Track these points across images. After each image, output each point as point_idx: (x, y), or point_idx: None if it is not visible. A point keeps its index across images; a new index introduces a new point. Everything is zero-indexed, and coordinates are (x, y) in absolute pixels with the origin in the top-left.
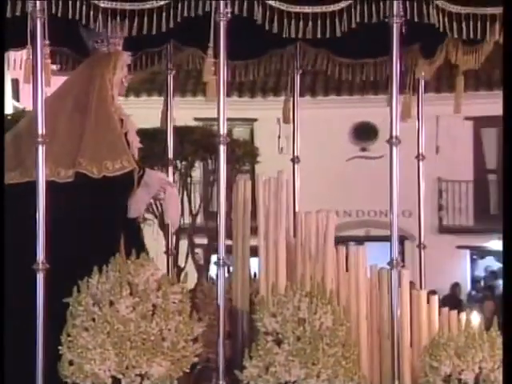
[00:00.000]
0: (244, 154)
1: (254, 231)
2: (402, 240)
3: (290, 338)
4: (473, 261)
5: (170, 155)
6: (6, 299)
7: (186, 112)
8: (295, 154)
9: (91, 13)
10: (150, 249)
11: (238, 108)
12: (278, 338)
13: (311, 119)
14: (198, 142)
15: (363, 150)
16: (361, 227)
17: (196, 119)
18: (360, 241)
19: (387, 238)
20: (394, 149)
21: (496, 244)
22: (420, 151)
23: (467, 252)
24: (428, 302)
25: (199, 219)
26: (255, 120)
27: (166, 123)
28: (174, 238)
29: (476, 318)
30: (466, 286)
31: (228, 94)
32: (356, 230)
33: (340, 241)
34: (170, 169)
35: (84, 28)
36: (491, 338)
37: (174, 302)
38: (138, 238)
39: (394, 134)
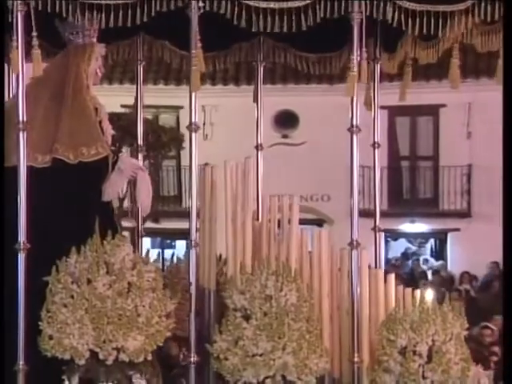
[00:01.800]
0: (170, 141)
1: (177, 214)
2: (320, 223)
3: (258, 313)
4: (387, 242)
5: (140, 142)
6: None
7: (114, 99)
8: (258, 141)
9: (70, 6)
10: None
11: (165, 95)
12: (246, 313)
13: (235, 107)
14: (124, 128)
15: (284, 136)
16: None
17: (122, 106)
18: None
19: (306, 222)
20: (355, 137)
21: (408, 227)
22: (375, 139)
23: (382, 234)
24: (385, 280)
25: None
26: (181, 107)
27: (136, 111)
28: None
29: (429, 295)
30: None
31: (155, 83)
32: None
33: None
34: (140, 155)
35: (59, 21)
36: (443, 313)
37: (148, 280)
38: (112, 220)
39: (354, 123)
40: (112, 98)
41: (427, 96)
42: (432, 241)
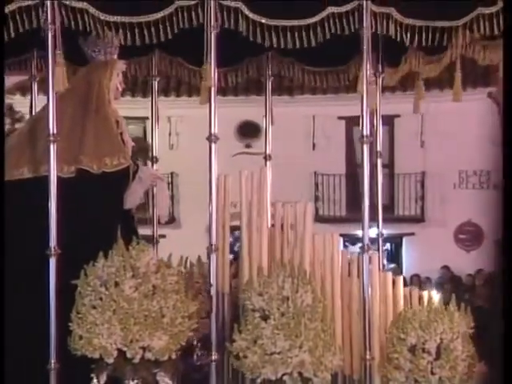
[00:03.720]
0: (138, 150)
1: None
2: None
3: (276, 314)
4: (345, 247)
5: (156, 153)
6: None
7: None
8: (267, 152)
9: (97, 25)
10: None
11: (132, 107)
12: (264, 314)
13: (200, 118)
14: None
15: (248, 146)
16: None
17: None
18: None
19: None
20: (365, 147)
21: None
22: (378, 149)
23: (340, 239)
24: (393, 282)
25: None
26: (147, 118)
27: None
28: None
29: (436, 296)
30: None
31: (122, 95)
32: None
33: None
34: (155, 166)
35: (82, 38)
36: (450, 313)
37: (170, 283)
38: (132, 227)
39: (364, 133)
40: None
41: (383, 107)
42: (388, 245)
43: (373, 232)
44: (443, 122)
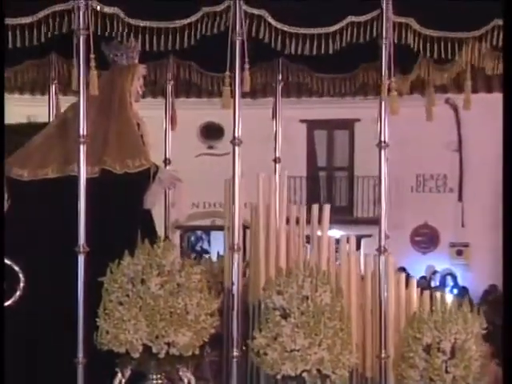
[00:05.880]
0: None
1: None
2: (244, 228)
3: (296, 312)
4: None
5: (168, 155)
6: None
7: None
8: (276, 154)
9: (125, 30)
10: None
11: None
12: (284, 312)
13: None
14: None
15: (210, 147)
16: (207, 217)
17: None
18: (206, 230)
19: None
20: (383, 152)
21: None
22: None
23: None
24: (407, 283)
25: None
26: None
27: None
28: None
29: (449, 297)
30: None
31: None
32: (203, 220)
33: (189, 230)
34: (168, 167)
35: (105, 43)
36: (463, 314)
37: (194, 282)
38: (152, 226)
39: (382, 138)
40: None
41: (343, 111)
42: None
43: (334, 233)
44: (402, 126)
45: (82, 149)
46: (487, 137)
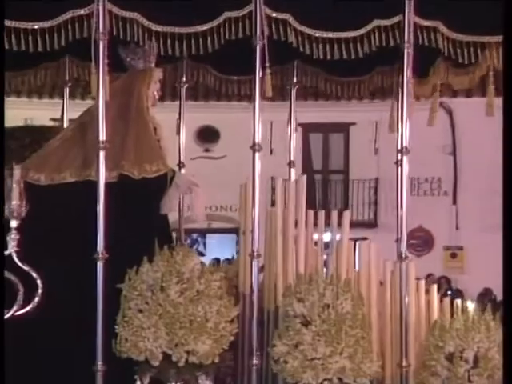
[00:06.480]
0: None
1: None
2: (237, 231)
3: (317, 320)
4: None
5: (182, 158)
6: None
7: (44, 113)
8: (291, 158)
9: (145, 34)
10: None
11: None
12: (305, 320)
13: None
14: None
15: (206, 150)
16: (203, 220)
17: (52, 119)
18: (202, 232)
19: (226, 230)
20: (405, 158)
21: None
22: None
23: None
24: (427, 290)
25: None
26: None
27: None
28: None
29: (471, 305)
30: None
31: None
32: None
33: (185, 233)
34: (183, 170)
35: (122, 47)
36: (486, 322)
37: (213, 289)
38: (168, 232)
39: (404, 144)
40: (42, 112)
41: (338, 114)
42: None
43: (330, 237)
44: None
45: (102, 154)
46: (482, 140)
